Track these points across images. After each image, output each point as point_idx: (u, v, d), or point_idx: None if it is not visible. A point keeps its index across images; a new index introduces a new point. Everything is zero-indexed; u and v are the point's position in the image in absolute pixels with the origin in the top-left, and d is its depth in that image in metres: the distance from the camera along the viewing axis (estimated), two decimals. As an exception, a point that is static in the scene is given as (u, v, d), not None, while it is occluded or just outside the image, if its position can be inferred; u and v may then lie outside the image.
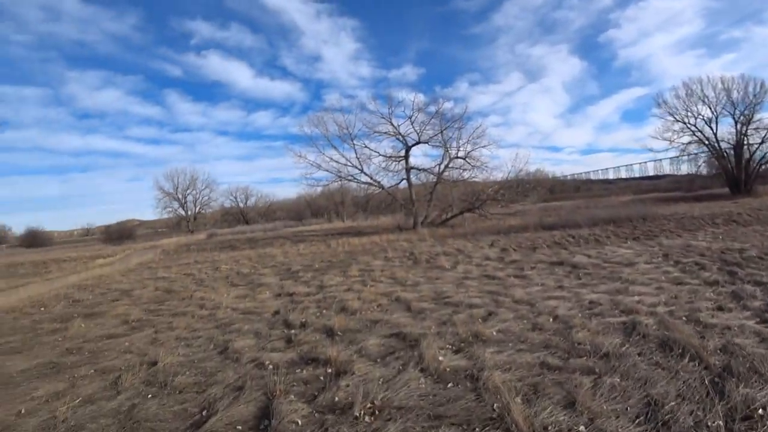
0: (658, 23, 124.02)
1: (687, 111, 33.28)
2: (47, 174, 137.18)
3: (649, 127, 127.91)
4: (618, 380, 3.37)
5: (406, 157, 23.95)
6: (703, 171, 41.76)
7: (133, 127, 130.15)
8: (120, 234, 43.74)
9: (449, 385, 3.52)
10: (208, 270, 13.35)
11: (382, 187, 23.80)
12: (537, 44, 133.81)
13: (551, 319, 5.13)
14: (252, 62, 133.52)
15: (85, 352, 5.43)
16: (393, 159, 24.26)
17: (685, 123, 33.59)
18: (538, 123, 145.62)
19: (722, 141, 32.79)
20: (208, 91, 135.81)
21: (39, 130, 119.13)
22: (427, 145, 24.43)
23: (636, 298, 5.84)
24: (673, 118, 33.92)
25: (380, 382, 3.60)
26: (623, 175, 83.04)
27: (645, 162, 75.85)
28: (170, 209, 58.91)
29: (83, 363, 4.96)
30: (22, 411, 3.71)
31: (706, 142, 32.96)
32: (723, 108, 32.23)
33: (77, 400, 3.80)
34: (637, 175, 79.94)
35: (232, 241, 28.65)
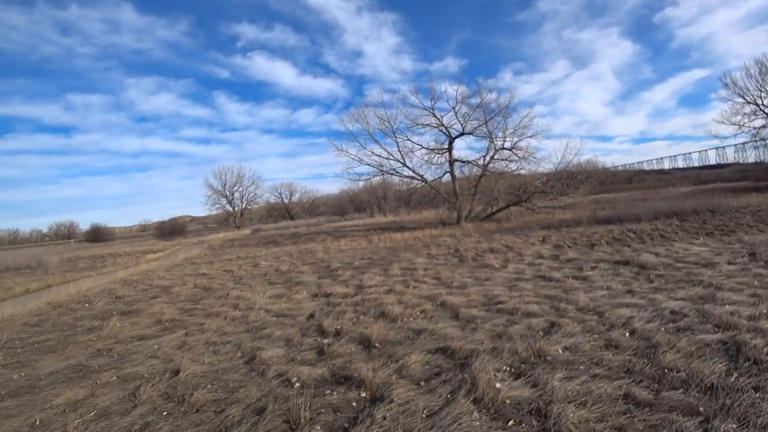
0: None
1: (760, 91, 30.06)
2: (110, 174, 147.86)
3: (711, 112, 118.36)
4: (734, 427, 2.60)
5: (450, 149, 23.05)
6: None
7: (185, 128, 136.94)
8: (172, 230, 45.68)
9: (510, 423, 2.86)
10: (248, 266, 13.26)
11: (424, 180, 23.04)
12: (585, 29, 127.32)
13: (627, 334, 4.32)
14: (295, 61, 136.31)
15: (114, 354, 5.24)
16: (436, 152, 23.41)
17: (757, 105, 30.40)
18: (587, 112, 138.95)
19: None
20: (254, 91, 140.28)
21: (102, 134, 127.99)
22: (471, 136, 23.41)
23: (728, 308, 4.87)
24: (743, 100, 30.81)
25: (424, 415, 3.00)
26: (680, 164, 77.28)
27: (705, 150, 70.34)
28: (219, 206, 61.17)
29: (109, 367, 4.74)
30: (37, 422, 3.48)
31: (783, 126, 29.66)
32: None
33: (92, 413, 3.52)
34: (696, 164, 74.15)
35: (275, 236, 28.95)
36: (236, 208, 62.00)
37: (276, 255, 16.19)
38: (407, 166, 22.76)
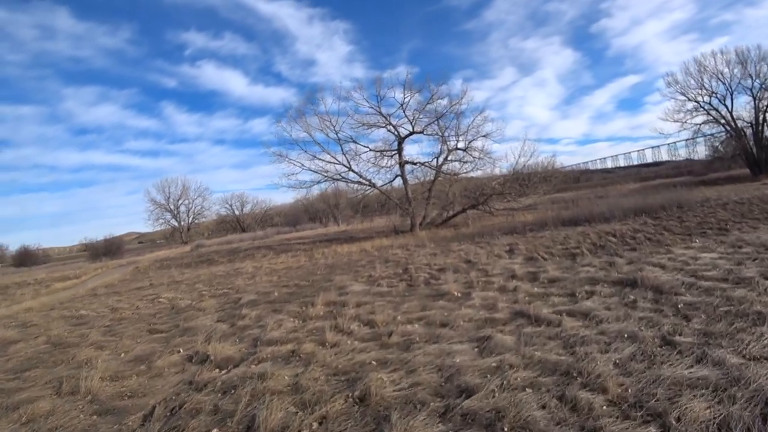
0: (649, 10, 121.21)
1: (700, 89, 29.83)
2: (46, 191, 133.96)
3: (646, 114, 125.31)
4: None
5: (399, 150, 20.51)
6: (702, 154, 38.62)
7: (130, 140, 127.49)
8: (106, 249, 40.30)
9: None
10: (145, 302, 10.02)
11: (373, 185, 20.36)
12: (529, 37, 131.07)
13: None
14: (246, 70, 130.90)
15: None
16: (385, 153, 20.86)
17: (698, 102, 30.15)
18: (534, 116, 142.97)
19: (738, 120, 29.37)
20: (203, 101, 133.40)
21: (37, 148, 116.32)
22: (424, 141, 21.18)
23: None
24: (685, 98, 30.50)
25: None
26: (622, 163, 79.66)
27: (643, 149, 72.98)
28: (162, 220, 55.74)
29: None
30: None
31: (722, 121, 29.46)
32: (739, 83, 28.80)
33: None
34: (635, 163, 76.63)
35: (213, 253, 25.28)
36: (183, 223, 56.82)
37: (191, 282, 12.92)
38: (353, 171, 20.01)
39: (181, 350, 5.51)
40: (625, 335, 3.94)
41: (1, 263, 59.20)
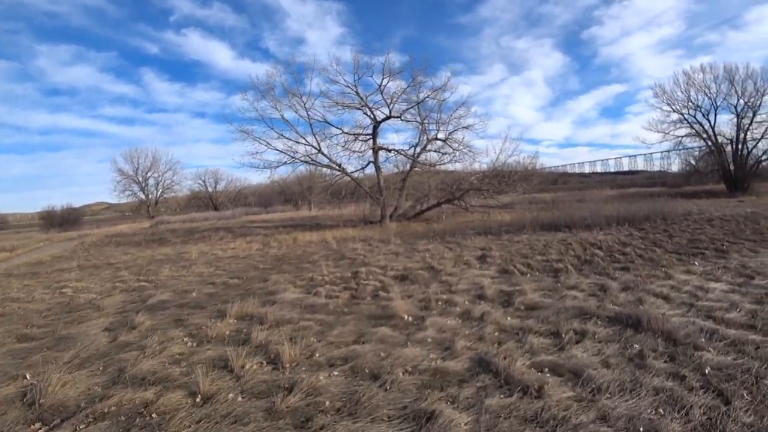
0: (640, 23, 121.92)
1: (686, 101, 29.10)
2: (12, 152, 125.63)
3: (626, 123, 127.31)
4: None
5: (374, 135, 18.77)
6: (676, 167, 38.53)
7: (105, 106, 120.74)
8: (64, 219, 37.21)
9: None
10: (48, 291, 8.20)
11: (343, 170, 18.58)
12: (521, 37, 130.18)
13: None
14: (234, 43, 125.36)
15: None
16: (358, 137, 19.09)
17: (682, 114, 29.47)
18: (519, 115, 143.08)
19: (719, 135, 28.84)
20: (186, 71, 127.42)
21: (5, 106, 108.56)
22: (404, 125, 19.42)
23: None
24: (670, 108, 29.77)
25: None
26: (599, 169, 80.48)
27: (620, 157, 74.09)
28: (129, 192, 52.30)
29: None
30: None
31: (704, 136, 28.85)
32: (724, 99, 28.16)
33: None
34: (612, 170, 77.31)
35: (169, 232, 23.15)
36: (150, 196, 53.51)
37: (122, 266, 11.07)
38: (323, 153, 18.15)
39: (28, 376, 3.87)
40: (640, 429, 2.49)
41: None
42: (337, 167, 18.38)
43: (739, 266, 6.62)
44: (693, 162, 33.63)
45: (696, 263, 6.95)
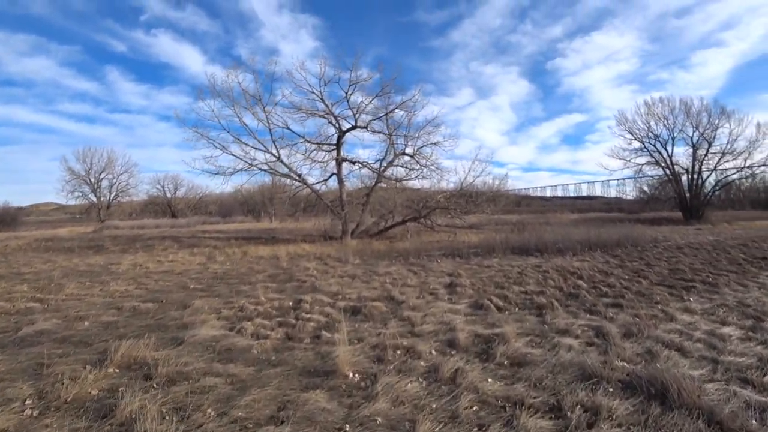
0: (599, 58, 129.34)
1: (647, 130, 29.90)
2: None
3: (585, 151, 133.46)
4: None
5: (338, 145, 17.48)
6: (631, 194, 39.72)
7: (64, 102, 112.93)
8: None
9: None
10: None
11: (303, 181, 17.09)
12: (490, 63, 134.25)
13: None
14: (205, 48, 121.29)
15: None
16: (322, 147, 17.73)
17: (643, 143, 30.23)
18: (485, 138, 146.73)
19: (676, 165, 29.71)
20: (154, 73, 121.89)
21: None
22: (367, 133, 18.21)
23: None
24: (632, 136, 30.50)
25: None
26: (559, 193, 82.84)
27: (579, 183, 76.56)
28: (79, 193, 48.01)
29: None
30: None
31: (663, 164, 29.62)
32: (681, 130, 29.11)
33: None
34: (572, 195, 79.85)
35: (110, 239, 20.68)
36: (102, 199, 49.36)
37: (28, 279, 9.05)
38: (282, 162, 16.60)
39: None
40: None
41: None
42: (296, 177, 16.87)
43: (738, 303, 5.79)
44: (647, 190, 34.64)
45: (691, 299, 6.05)
